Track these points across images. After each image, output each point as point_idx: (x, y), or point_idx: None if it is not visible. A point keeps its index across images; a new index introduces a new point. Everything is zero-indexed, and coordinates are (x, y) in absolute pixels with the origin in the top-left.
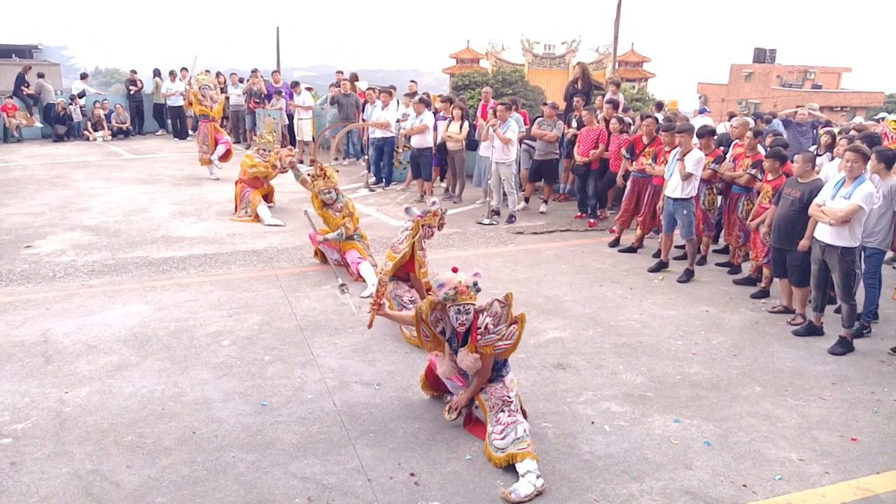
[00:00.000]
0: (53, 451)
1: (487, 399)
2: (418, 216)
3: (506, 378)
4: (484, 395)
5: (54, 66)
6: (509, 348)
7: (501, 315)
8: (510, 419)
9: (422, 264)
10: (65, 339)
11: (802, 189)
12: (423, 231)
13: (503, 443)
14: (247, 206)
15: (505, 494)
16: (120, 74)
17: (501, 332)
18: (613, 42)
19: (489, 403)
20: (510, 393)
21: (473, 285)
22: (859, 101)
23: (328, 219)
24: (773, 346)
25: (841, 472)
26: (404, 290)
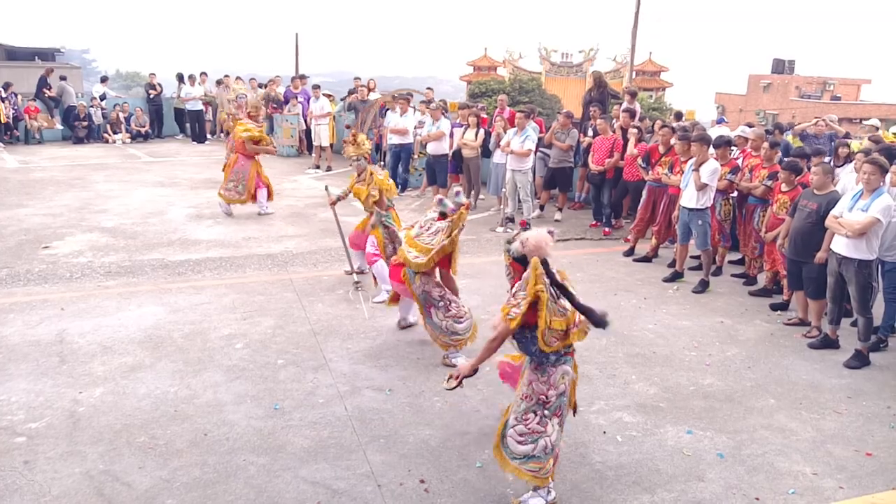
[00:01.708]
0: (66, 450)
1: (524, 384)
2: (452, 210)
3: (554, 370)
4: (524, 379)
5: (76, 69)
6: (519, 316)
7: (525, 281)
8: (538, 426)
9: (456, 260)
10: (80, 339)
11: (819, 201)
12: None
13: (520, 449)
14: (241, 181)
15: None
16: (140, 78)
17: (518, 298)
18: (631, 51)
19: (522, 391)
20: (550, 392)
21: (507, 242)
22: (879, 113)
23: (359, 192)
24: (788, 359)
25: (855, 487)
26: (433, 284)
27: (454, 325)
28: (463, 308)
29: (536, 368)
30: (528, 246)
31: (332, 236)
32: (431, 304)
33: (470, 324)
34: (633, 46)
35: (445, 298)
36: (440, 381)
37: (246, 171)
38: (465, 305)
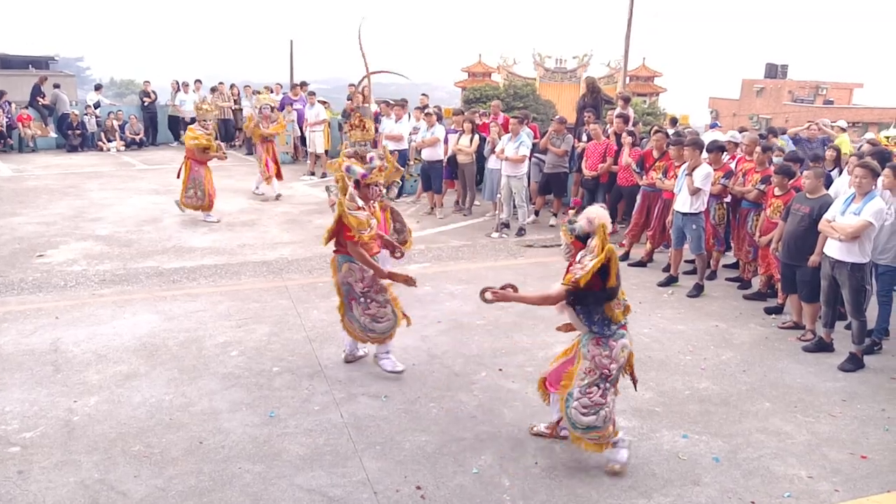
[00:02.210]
0: (61, 459)
1: (587, 359)
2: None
3: (616, 344)
4: (585, 350)
5: (70, 77)
6: (583, 276)
7: (589, 248)
8: (600, 399)
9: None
10: (74, 348)
11: (812, 205)
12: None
13: (584, 420)
14: (197, 187)
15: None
16: (135, 86)
17: (585, 263)
18: (624, 57)
19: (585, 365)
20: (612, 365)
21: (569, 223)
22: (871, 117)
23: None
24: (783, 362)
25: (850, 490)
26: (358, 278)
27: (372, 324)
28: (387, 310)
29: (598, 343)
30: (595, 223)
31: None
32: (353, 297)
33: (390, 326)
34: (626, 52)
35: (368, 296)
36: (435, 387)
37: (201, 177)
38: (391, 308)
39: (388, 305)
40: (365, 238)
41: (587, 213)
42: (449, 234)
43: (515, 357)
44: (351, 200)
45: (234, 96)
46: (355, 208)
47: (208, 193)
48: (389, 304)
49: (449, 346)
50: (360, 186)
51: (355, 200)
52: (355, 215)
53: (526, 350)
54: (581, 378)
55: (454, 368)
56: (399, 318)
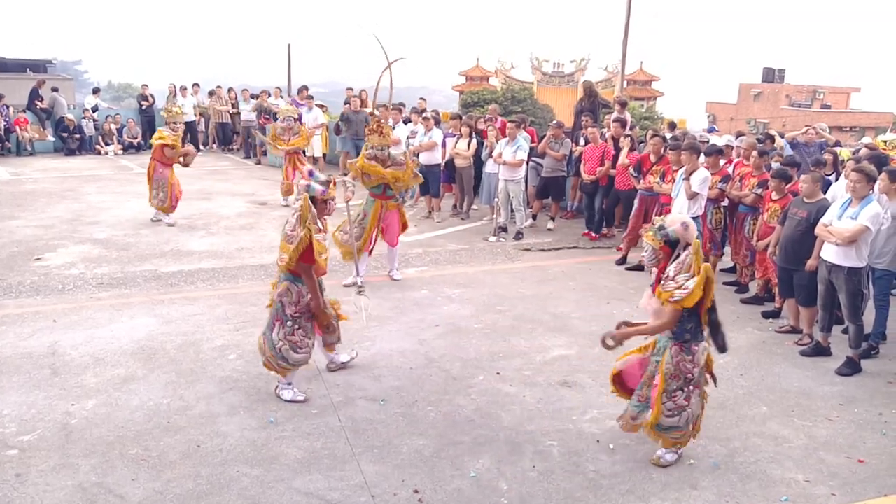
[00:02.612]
0: (59, 463)
1: (669, 368)
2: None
3: (697, 349)
4: (668, 360)
5: (68, 80)
6: (685, 298)
7: (684, 264)
8: (683, 402)
9: (323, 250)
10: (72, 351)
11: (809, 209)
12: (321, 207)
13: (667, 422)
14: (161, 188)
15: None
16: (132, 89)
17: (680, 281)
18: (622, 61)
19: (668, 369)
20: (696, 369)
21: (659, 229)
22: (868, 122)
23: (399, 177)
24: (780, 366)
25: (848, 494)
26: (293, 300)
27: (289, 352)
28: (309, 343)
29: (682, 349)
30: (691, 230)
31: None
32: (280, 318)
33: (305, 359)
34: (623, 56)
35: (299, 321)
36: (433, 391)
37: (165, 178)
38: (313, 341)
39: (313, 339)
40: (322, 262)
41: (680, 219)
42: (447, 237)
43: (513, 361)
44: (314, 222)
45: (231, 100)
46: (317, 231)
47: (171, 196)
48: (314, 337)
49: (446, 349)
50: (316, 204)
51: (317, 223)
52: (318, 238)
53: (523, 354)
54: (667, 383)
55: (452, 372)
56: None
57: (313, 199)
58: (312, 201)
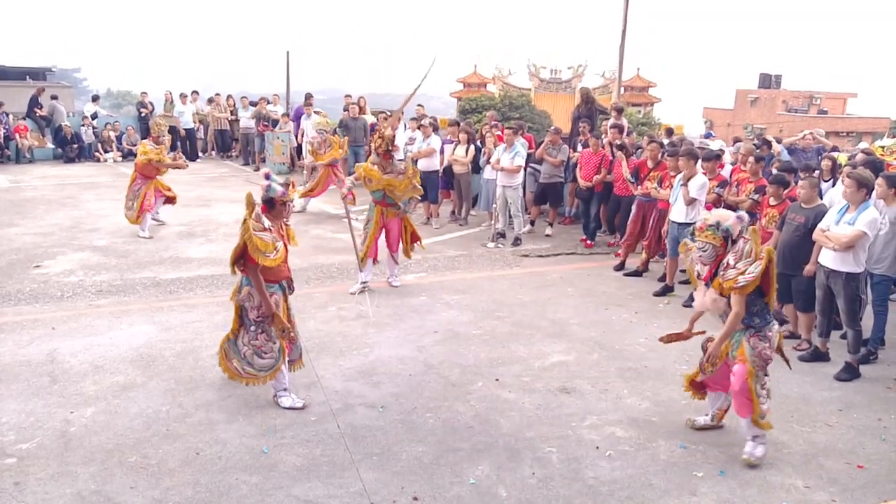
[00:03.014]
0: (57, 471)
1: (754, 359)
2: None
3: (771, 333)
4: (749, 352)
5: (67, 88)
6: (751, 282)
7: (744, 251)
8: (768, 384)
9: (266, 248)
10: (71, 358)
11: (806, 214)
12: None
13: (765, 407)
14: (134, 200)
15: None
16: (132, 97)
17: (742, 267)
18: (619, 68)
19: (755, 363)
20: (771, 352)
21: (716, 225)
22: (865, 127)
23: (394, 185)
24: (779, 372)
25: (847, 500)
26: (255, 304)
27: (253, 357)
28: (274, 347)
29: (757, 336)
30: (744, 222)
31: (324, 253)
32: (243, 323)
33: (272, 364)
34: (620, 62)
35: (262, 325)
36: (432, 397)
37: (139, 190)
38: (279, 346)
39: (278, 342)
40: (269, 263)
41: (726, 214)
42: (445, 244)
43: (512, 367)
44: (257, 220)
45: (230, 107)
46: (261, 229)
47: (140, 208)
48: (279, 340)
49: (445, 356)
50: (273, 206)
51: (260, 221)
52: (260, 237)
53: (522, 360)
54: (756, 375)
55: (451, 379)
56: (280, 361)
57: (272, 201)
58: (271, 203)
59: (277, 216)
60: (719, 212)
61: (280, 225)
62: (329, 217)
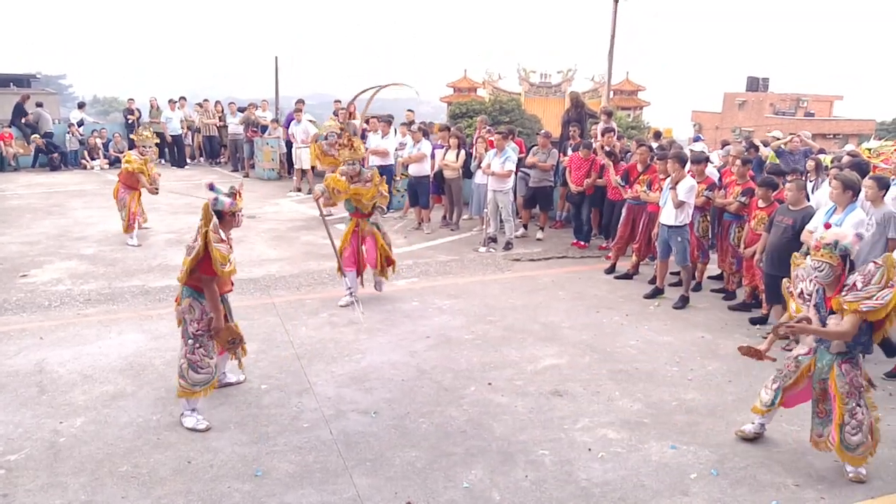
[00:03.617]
0: (47, 482)
1: (842, 384)
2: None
3: (861, 358)
4: (840, 378)
5: (52, 95)
6: (878, 309)
7: (874, 275)
8: (861, 416)
9: (224, 260)
10: (60, 368)
11: (795, 216)
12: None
13: (854, 440)
14: (122, 209)
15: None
16: (118, 103)
17: (871, 291)
18: (608, 71)
19: (843, 389)
20: (862, 380)
21: (833, 244)
22: (851, 129)
23: (361, 194)
24: (768, 372)
25: (836, 497)
26: (196, 316)
27: (188, 371)
28: (210, 363)
29: (850, 362)
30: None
31: (315, 259)
32: (184, 335)
33: (206, 380)
34: (610, 67)
35: (201, 340)
36: (425, 402)
37: (124, 199)
38: (215, 361)
39: (215, 357)
40: (224, 273)
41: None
42: (436, 248)
43: (504, 371)
44: (215, 232)
45: (218, 113)
46: (218, 240)
47: (129, 214)
48: (216, 356)
49: (438, 361)
50: (222, 218)
51: (218, 232)
52: (218, 247)
53: (514, 364)
54: (844, 403)
55: (443, 383)
56: (215, 379)
57: (220, 213)
58: (219, 214)
59: (226, 228)
60: (837, 230)
61: (229, 236)
62: (320, 223)
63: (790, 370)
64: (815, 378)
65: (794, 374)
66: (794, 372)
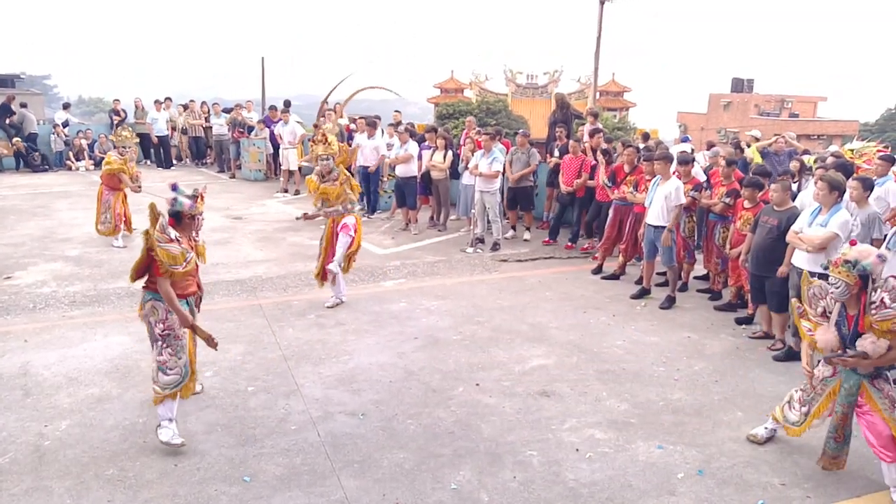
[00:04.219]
0: (32, 486)
1: (880, 400)
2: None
3: (891, 374)
4: (878, 398)
5: (37, 95)
6: None
7: None
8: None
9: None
10: (45, 371)
11: (779, 217)
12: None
13: None
14: (107, 210)
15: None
16: (104, 104)
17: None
18: (594, 72)
19: (883, 405)
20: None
21: (853, 263)
22: (835, 130)
23: (328, 193)
24: (754, 372)
25: (822, 496)
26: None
27: (157, 373)
28: (179, 362)
29: (882, 379)
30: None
31: (302, 260)
32: (151, 339)
33: (177, 381)
34: (596, 68)
35: (168, 340)
36: (413, 404)
37: (109, 202)
38: (185, 360)
39: (183, 357)
40: (177, 275)
41: (874, 252)
42: (424, 249)
43: (492, 372)
44: (161, 232)
45: (204, 114)
46: (166, 241)
47: (115, 216)
48: (185, 356)
49: (426, 362)
50: (181, 220)
51: (166, 232)
52: (166, 248)
53: (502, 364)
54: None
55: (431, 384)
56: (190, 376)
57: (180, 214)
58: (178, 217)
59: (186, 230)
60: (860, 248)
61: (189, 238)
62: (307, 224)
63: (817, 392)
64: (840, 400)
65: (821, 397)
66: (820, 395)
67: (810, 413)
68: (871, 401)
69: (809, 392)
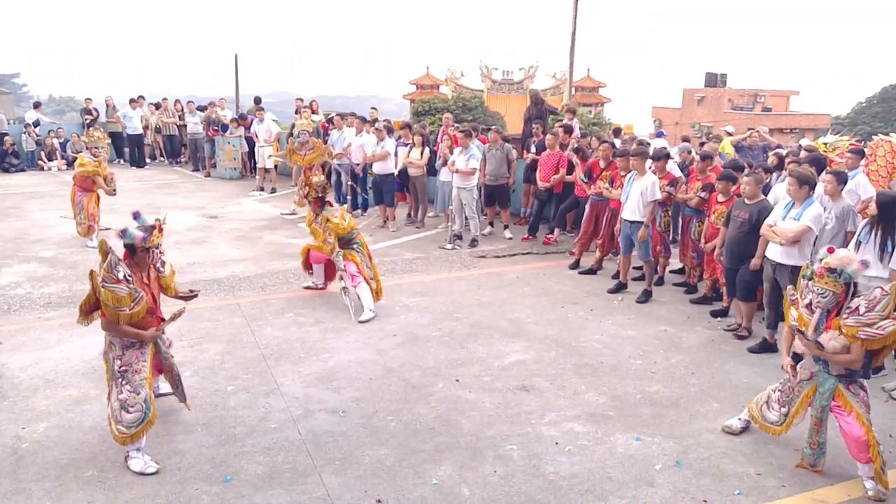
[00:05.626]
0: (10, 489)
1: (857, 404)
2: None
3: (864, 381)
4: (852, 396)
5: (6, 94)
6: (876, 340)
7: (879, 302)
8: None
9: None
10: (21, 373)
11: (750, 210)
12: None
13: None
14: (81, 211)
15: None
16: (75, 102)
17: (873, 319)
18: (569, 68)
19: (860, 409)
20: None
21: (839, 273)
22: (807, 123)
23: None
24: (730, 364)
25: (797, 485)
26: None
27: (121, 412)
28: (139, 398)
29: (857, 385)
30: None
31: (280, 259)
32: (110, 377)
33: (138, 419)
34: (571, 63)
35: (126, 376)
36: (393, 400)
37: (82, 203)
38: (144, 395)
39: (142, 392)
40: (123, 318)
41: (856, 259)
42: (402, 246)
43: (471, 367)
44: (108, 271)
45: (178, 112)
46: (113, 281)
47: (88, 216)
48: (144, 390)
49: (405, 358)
50: (134, 252)
51: (113, 271)
52: (111, 289)
53: (482, 360)
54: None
55: (411, 381)
56: (152, 413)
57: (133, 247)
58: (132, 250)
59: (141, 264)
60: (840, 255)
61: (146, 273)
62: (284, 222)
63: (794, 394)
64: (816, 404)
65: (798, 399)
66: (797, 396)
67: (790, 413)
68: (847, 403)
69: (788, 393)
